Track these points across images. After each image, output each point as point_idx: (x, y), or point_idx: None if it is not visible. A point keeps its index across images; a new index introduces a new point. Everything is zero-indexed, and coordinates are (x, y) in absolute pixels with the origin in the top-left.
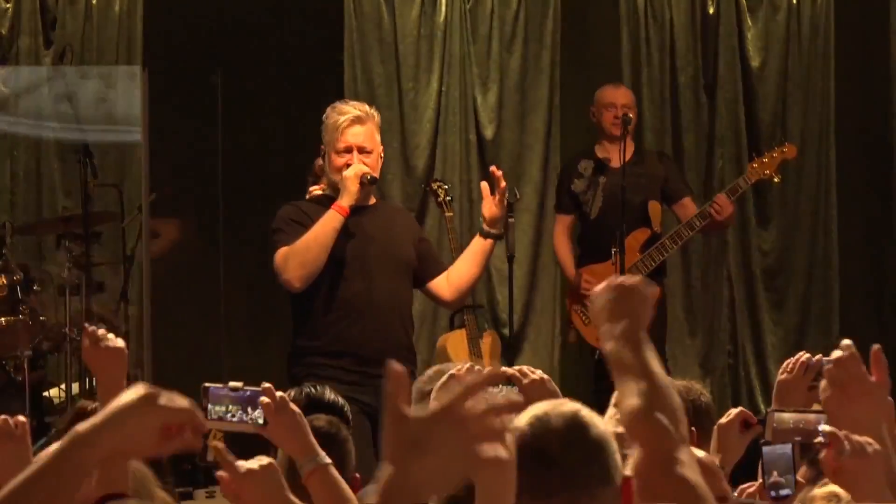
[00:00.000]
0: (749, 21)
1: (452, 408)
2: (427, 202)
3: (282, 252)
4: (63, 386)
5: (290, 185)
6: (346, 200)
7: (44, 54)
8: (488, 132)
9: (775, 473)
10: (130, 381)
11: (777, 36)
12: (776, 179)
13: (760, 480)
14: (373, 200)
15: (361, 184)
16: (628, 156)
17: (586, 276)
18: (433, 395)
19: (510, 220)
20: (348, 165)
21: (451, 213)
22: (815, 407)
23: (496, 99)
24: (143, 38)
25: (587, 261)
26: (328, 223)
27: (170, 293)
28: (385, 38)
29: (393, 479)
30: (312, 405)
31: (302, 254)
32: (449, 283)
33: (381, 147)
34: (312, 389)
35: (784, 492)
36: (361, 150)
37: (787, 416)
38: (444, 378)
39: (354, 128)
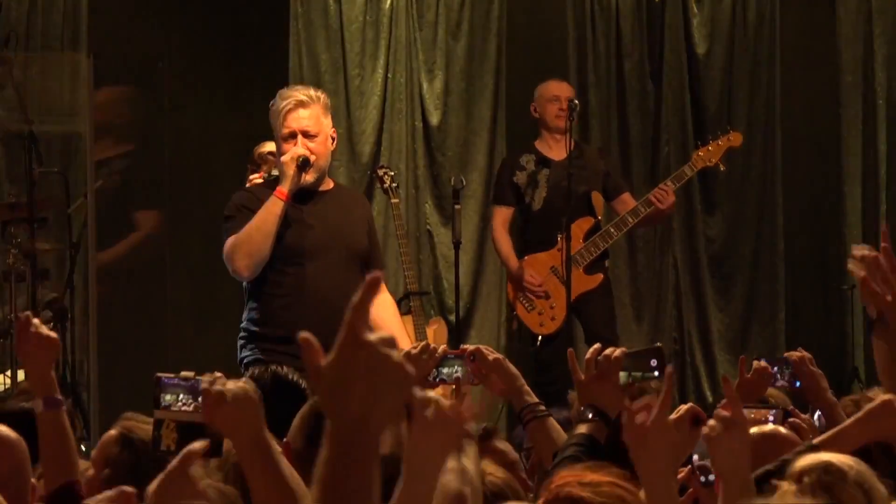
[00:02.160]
0: (695, 8)
1: (353, 332)
2: (373, 188)
3: (229, 242)
4: (8, 373)
5: (236, 172)
6: (285, 185)
7: None
8: (434, 119)
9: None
10: (75, 367)
11: (723, 23)
12: (721, 167)
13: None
14: (330, 185)
15: (298, 167)
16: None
17: (528, 267)
18: None
19: (456, 206)
20: None
21: (396, 200)
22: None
23: (442, 86)
24: (89, 24)
25: (531, 251)
26: (269, 210)
27: (115, 279)
28: (331, 24)
29: (332, 422)
30: (276, 383)
31: (246, 243)
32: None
33: (334, 130)
34: (279, 369)
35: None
36: (306, 135)
37: None
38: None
39: (297, 112)
